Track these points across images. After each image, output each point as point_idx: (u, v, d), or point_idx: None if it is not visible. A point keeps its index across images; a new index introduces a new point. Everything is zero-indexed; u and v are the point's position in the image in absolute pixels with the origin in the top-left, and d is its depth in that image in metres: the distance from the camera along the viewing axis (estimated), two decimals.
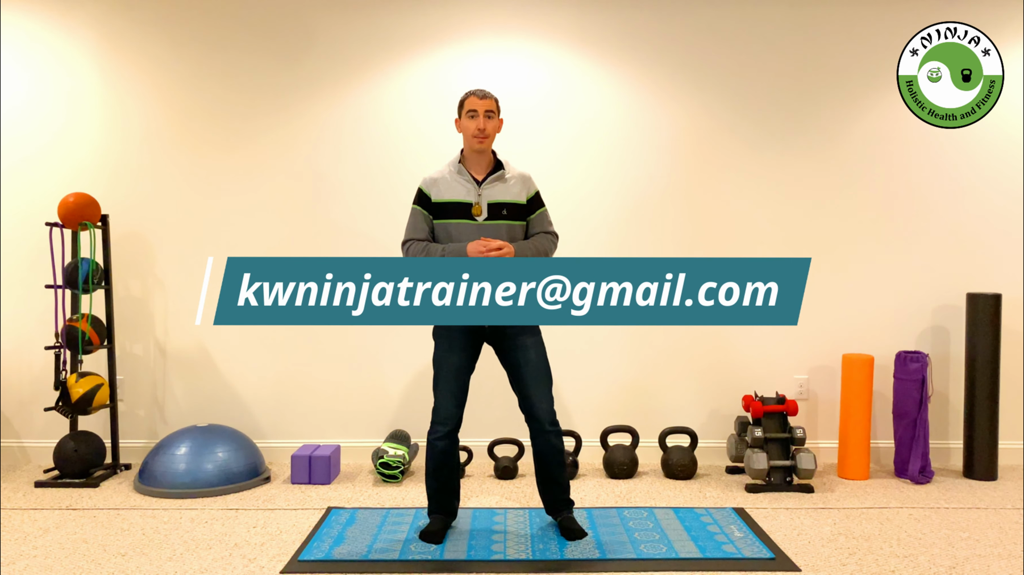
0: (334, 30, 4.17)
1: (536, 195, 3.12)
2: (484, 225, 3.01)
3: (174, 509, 3.44)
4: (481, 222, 3.01)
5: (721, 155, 4.21)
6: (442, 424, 3.02)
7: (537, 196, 3.13)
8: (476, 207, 3.01)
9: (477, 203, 3.02)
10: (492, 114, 3.02)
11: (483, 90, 3.04)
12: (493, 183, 3.05)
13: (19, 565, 2.83)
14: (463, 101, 3.04)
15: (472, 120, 3.01)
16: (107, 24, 4.16)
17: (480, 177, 3.06)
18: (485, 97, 3.02)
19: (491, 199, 3.03)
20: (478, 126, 2.99)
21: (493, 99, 3.03)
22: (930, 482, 3.89)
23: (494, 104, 3.03)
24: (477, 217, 3.01)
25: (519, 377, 3.05)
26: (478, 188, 3.03)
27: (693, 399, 4.25)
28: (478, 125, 2.99)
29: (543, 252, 3.09)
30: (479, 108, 3.00)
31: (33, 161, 4.17)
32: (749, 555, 2.90)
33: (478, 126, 2.99)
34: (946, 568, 2.82)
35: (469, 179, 3.04)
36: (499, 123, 3.07)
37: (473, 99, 3.01)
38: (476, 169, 3.07)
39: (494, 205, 3.02)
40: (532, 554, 2.91)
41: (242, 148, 4.19)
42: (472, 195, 3.02)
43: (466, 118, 3.02)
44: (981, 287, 4.24)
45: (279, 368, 4.22)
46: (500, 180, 3.06)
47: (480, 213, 3.01)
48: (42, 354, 4.21)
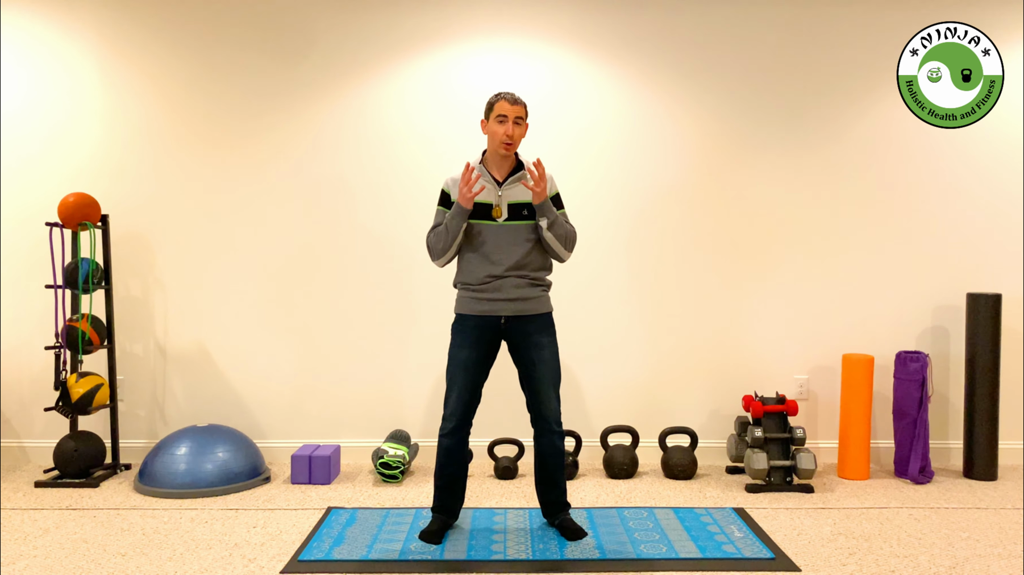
0: (334, 30, 4.17)
1: (556, 196, 3.09)
2: (504, 226, 3.00)
3: (174, 509, 3.44)
4: (501, 223, 3.00)
5: (722, 155, 4.21)
6: (449, 419, 3.03)
7: (557, 197, 3.09)
8: (496, 209, 3.00)
9: (497, 205, 3.00)
10: (521, 120, 2.99)
11: (514, 95, 2.99)
12: (513, 184, 3.03)
13: (19, 565, 2.83)
14: (493, 104, 2.99)
15: (501, 125, 2.96)
16: (107, 24, 4.16)
17: (501, 178, 3.04)
18: (516, 103, 2.97)
19: (511, 200, 3.01)
20: (507, 132, 2.95)
21: (523, 105, 2.99)
22: (930, 482, 3.89)
23: (523, 111, 2.99)
24: (497, 218, 3.00)
25: (531, 376, 3.05)
26: (498, 189, 3.02)
27: (693, 399, 4.25)
28: (507, 131, 2.95)
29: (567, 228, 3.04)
30: (509, 114, 2.96)
31: (33, 161, 4.17)
32: (749, 555, 2.90)
33: (507, 132, 2.95)
34: (946, 568, 2.82)
35: (490, 180, 3.02)
36: (526, 128, 3.03)
37: (504, 104, 2.96)
38: (497, 170, 3.05)
39: (514, 206, 3.01)
40: (532, 554, 2.91)
41: (242, 148, 4.19)
42: (492, 196, 3.01)
43: (495, 122, 2.97)
44: (981, 287, 4.24)
45: (279, 368, 4.22)
46: (521, 181, 3.04)
47: (500, 215, 3.00)
48: (42, 354, 4.21)
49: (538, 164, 2.92)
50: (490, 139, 3.02)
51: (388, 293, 4.21)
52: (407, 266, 4.20)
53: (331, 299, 4.21)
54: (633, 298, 4.23)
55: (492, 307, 3.01)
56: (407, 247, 4.19)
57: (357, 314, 4.21)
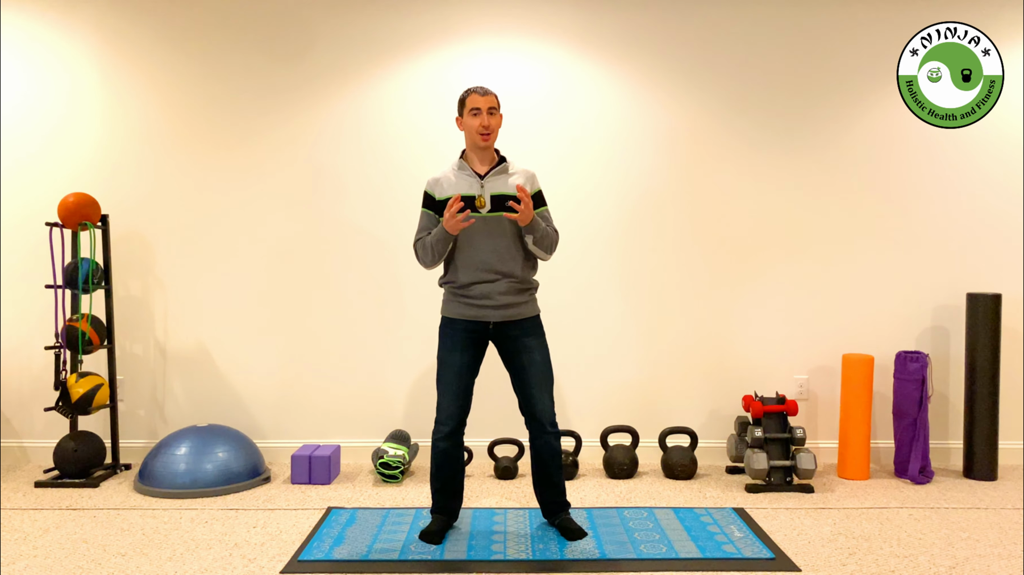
0: (334, 30, 4.17)
1: (539, 193, 3.10)
2: (488, 217, 3.00)
3: (174, 509, 3.44)
4: (485, 214, 3.00)
5: (721, 155, 4.21)
6: (443, 423, 3.02)
7: (539, 194, 3.11)
8: (479, 199, 3.00)
9: (480, 195, 3.00)
10: (495, 110, 3.02)
11: (483, 87, 3.03)
12: (496, 176, 3.04)
13: (19, 565, 2.83)
14: (464, 99, 3.02)
15: (476, 117, 2.99)
16: (107, 24, 4.16)
17: (482, 172, 3.05)
18: (486, 94, 3.00)
19: (494, 191, 3.01)
20: (482, 123, 2.98)
21: (494, 95, 3.02)
22: (930, 482, 3.88)
23: (495, 100, 3.02)
24: (481, 209, 3.00)
25: (523, 378, 3.05)
26: (480, 181, 3.03)
27: (693, 399, 4.25)
28: (482, 122, 2.98)
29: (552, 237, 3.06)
30: (482, 105, 2.98)
31: (33, 161, 4.17)
32: (749, 555, 2.90)
33: (482, 123, 2.98)
34: (946, 568, 2.82)
35: (471, 174, 3.03)
36: (500, 119, 3.06)
37: (475, 96, 2.99)
38: (478, 164, 3.06)
39: (497, 197, 3.01)
40: (532, 554, 2.91)
41: (242, 148, 4.19)
42: (475, 188, 3.01)
43: (469, 116, 3.00)
44: (981, 287, 4.24)
45: (279, 368, 4.22)
46: (503, 174, 3.05)
47: (483, 205, 3.00)
48: (42, 354, 4.21)
49: (520, 188, 2.90)
50: (467, 134, 3.03)
51: (389, 293, 4.21)
52: (408, 266, 4.20)
53: (331, 299, 4.21)
54: (633, 298, 4.23)
55: (480, 313, 3.01)
56: (408, 247, 4.19)
57: (357, 314, 4.21)
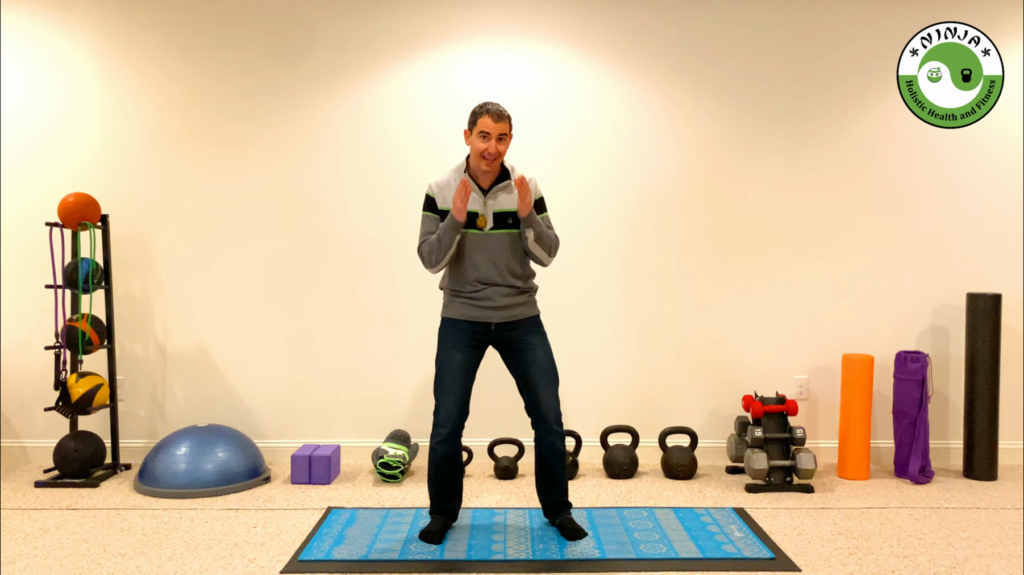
0: (334, 30, 4.17)
1: (540, 200, 3.09)
2: (490, 234, 3.00)
3: (174, 509, 3.44)
4: (487, 231, 3.00)
5: (721, 155, 4.21)
6: (442, 426, 3.01)
7: (541, 201, 3.09)
8: (481, 219, 2.99)
9: (482, 215, 2.99)
10: (505, 136, 2.93)
11: (498, 109, 2.91)
12: (498, 192, 3.02)
13: (19, 565, 2.83)
14: (476, 118, 2.92)
15: (484, 141, 2.91)
16: (107, 24, 4.16)
17: (486, 186, 3.03)
18: (500, 119, 2.90)
19: (496, 208, 3.01)
20: (488, 150, 2.91)
21: (507, 121, 2.93)
22: (930, 482, 3.88)
23: (508, 127, 2.92)
24: (483, 228, 3.00)
25: (527, 377, 3.05)
26: (483, 198, 3.01)
27: (693, 399, 4.25)
28: (489, 149, 2.91)
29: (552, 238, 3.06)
30: (492, 132, 2.90)
31: (33, 161, 4.17)
32: (749, 555, 2.90)
33: (488, 150, 2.91)
34: (946, 568, 2.82)
35: (475, 188, 3.00)
36: (509, 141, 2.98)
37: (487, 120, 2.89)
38: (482, 178, 3.03)
39: (500, 215, 3.01)
40: (532, 554, 2.91)
41: (242, 148, 4.19)
42: (477, 205, 3.00)
43: (477, 137, 2.92)
44: (981, 287, 4.24)
45: (279, 368, 4.22)
46: (505, 190, 3.03)
47: (485, 224, 3.00)
48: (42, 354, 4.21)
49: (520, 182, 2.89)
50: (472, 152, 2.97)
51: (389, 293, 4.21)
52: (408, 267, 4.20)
53: (331, 299, 4.21)
54: (633, 298, 4.23)
55: (482, 314, 3.02)
56: (408, 248, 4.19)
57: (357, 314, 4.21)
